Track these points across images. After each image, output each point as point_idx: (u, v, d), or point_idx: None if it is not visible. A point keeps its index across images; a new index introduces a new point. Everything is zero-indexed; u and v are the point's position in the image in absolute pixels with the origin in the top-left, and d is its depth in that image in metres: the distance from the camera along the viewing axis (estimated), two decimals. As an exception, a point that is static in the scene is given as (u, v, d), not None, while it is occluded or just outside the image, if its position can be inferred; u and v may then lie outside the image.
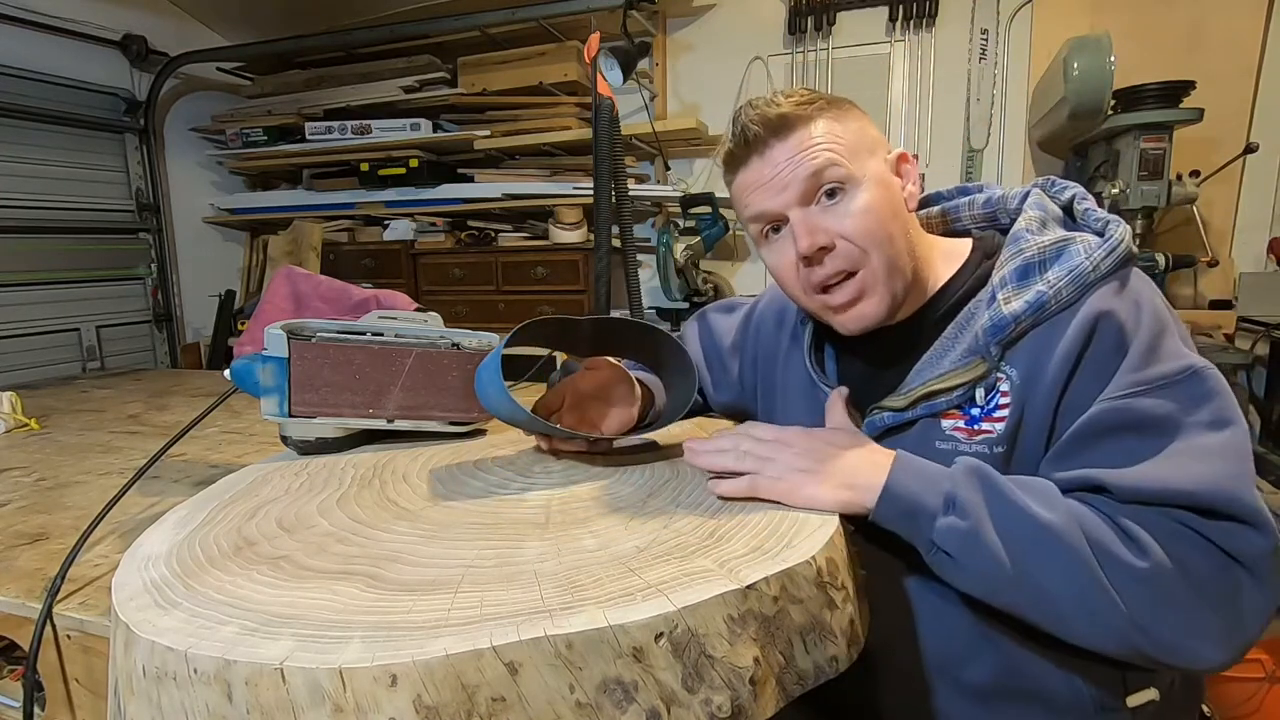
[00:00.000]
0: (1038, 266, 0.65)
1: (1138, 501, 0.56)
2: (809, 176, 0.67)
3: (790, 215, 0.69)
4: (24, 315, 2.32)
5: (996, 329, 0.64)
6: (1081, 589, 0.54)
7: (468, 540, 0.55)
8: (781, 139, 0.68)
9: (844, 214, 0.68)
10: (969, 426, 0.66)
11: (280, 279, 1.01)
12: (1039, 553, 0.55)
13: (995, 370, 0.65)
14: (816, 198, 0.68)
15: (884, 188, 0.69)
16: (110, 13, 2.48)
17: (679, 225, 2.35)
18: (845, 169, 0.67)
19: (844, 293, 0.70)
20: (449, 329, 0.84)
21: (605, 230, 1.24)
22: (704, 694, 0.43)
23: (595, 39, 1.24)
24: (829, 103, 0.70)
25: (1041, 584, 0.56)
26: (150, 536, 0.59)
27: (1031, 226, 0.68)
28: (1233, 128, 2.05)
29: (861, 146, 0.69)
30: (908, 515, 0.60)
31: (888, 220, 0.68)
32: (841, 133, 0.68)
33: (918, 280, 0.72)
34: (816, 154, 0.67)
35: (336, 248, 2.75)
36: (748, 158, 0.70)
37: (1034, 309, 0.63)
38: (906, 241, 0.70)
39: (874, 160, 0.70)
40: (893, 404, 0.70)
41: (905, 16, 2.35)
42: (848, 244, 0.68)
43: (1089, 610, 0.54)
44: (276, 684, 0.39)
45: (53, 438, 1.30)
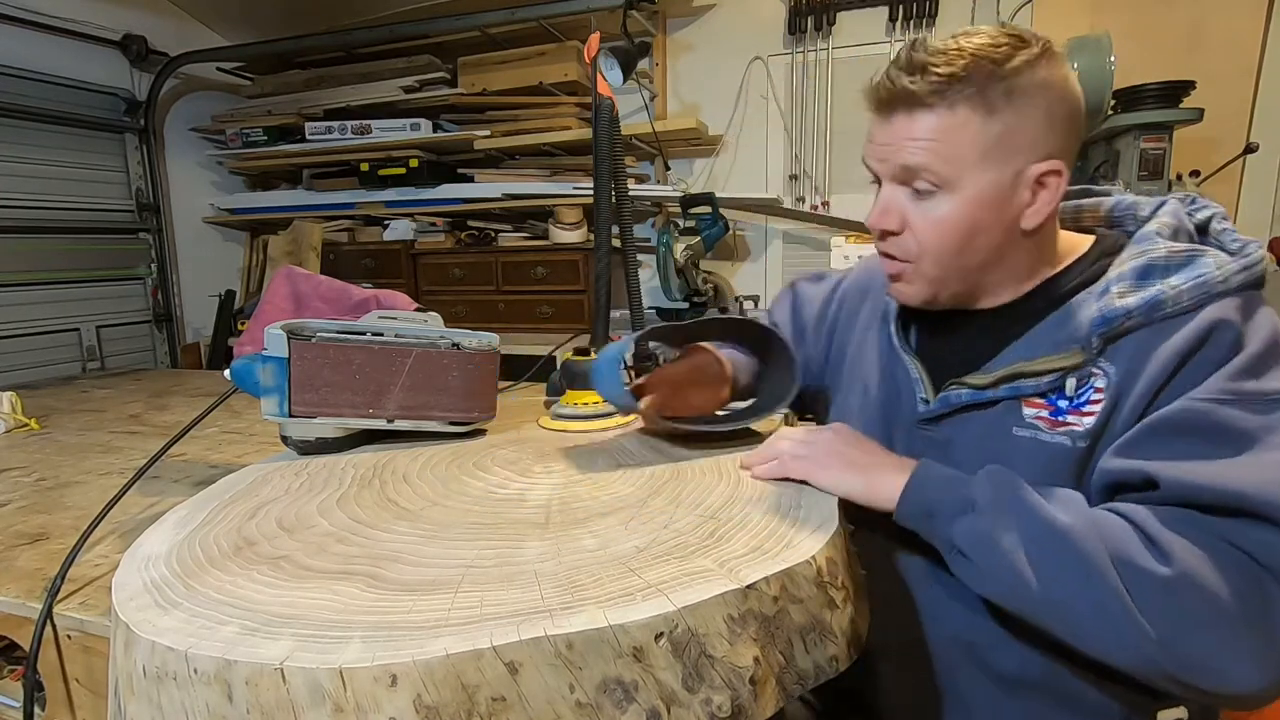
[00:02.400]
0: (1161, 270, 0.61)
1: (1183, 501, 0.54)
2: (903, 168, 0.65)
3: (882, 184, 0.69)
4: (24, 315, 2.32)
5: (1104, 320, 0.61)
6: (1097, 597, 0.53)
7: (468, 540, 0.55)
8: (900, 115, 0.64)
9: (921, 213, 0.66)
10: (1053, 417, 0.64)
11: (280, 279, 1.01)
12: (1055, 557, 0.55)
13: (1092, 363, 0.62)
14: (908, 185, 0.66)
15: (984, 204, 0.64)
16: (110, 13, 2.48)
17: (679, 225, 2.34)
18: (941, 175, 0.63)
19: (892, 266, 0.71)
20: (449, 329, 0.84)
21: (605, 230, 1.23)
22: (704, 694, 0.43)
23: (595, 39, 1.23)
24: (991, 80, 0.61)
25: (1056, 589, 0.55)
26: (150, 536, 0.59)
27: (1164, 231, 0.64)
28: (1233, 128, 2.05)
29: (990, 154, 0.62)
30: (927, 514, 0.61)
31: (961, 237, 0.65)
32: (967, 135, 0.62)
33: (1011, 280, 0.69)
34: (916, 153, 0.63)
35: (336, 248, 2.75)
36: (874, 109, 0.67)
37: (1148, 306, 0.60)
38: (985, 256, 0.67)
39: (994, 171, 0.63)
40: (974, 381, 0.68)
41: (905, 16, 2.35)
42: (911, 239, 0.68)
43: (1105, 620, 0.53)
44: (277, 684, 0.39)
45: (53, 438, 1.30)
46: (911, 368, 0.74)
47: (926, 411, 0.71)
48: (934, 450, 0.69)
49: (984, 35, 0.62)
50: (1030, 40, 0.62)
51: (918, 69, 0.62)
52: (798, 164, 2.56)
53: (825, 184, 2.54)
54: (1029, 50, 0.61)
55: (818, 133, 2.52)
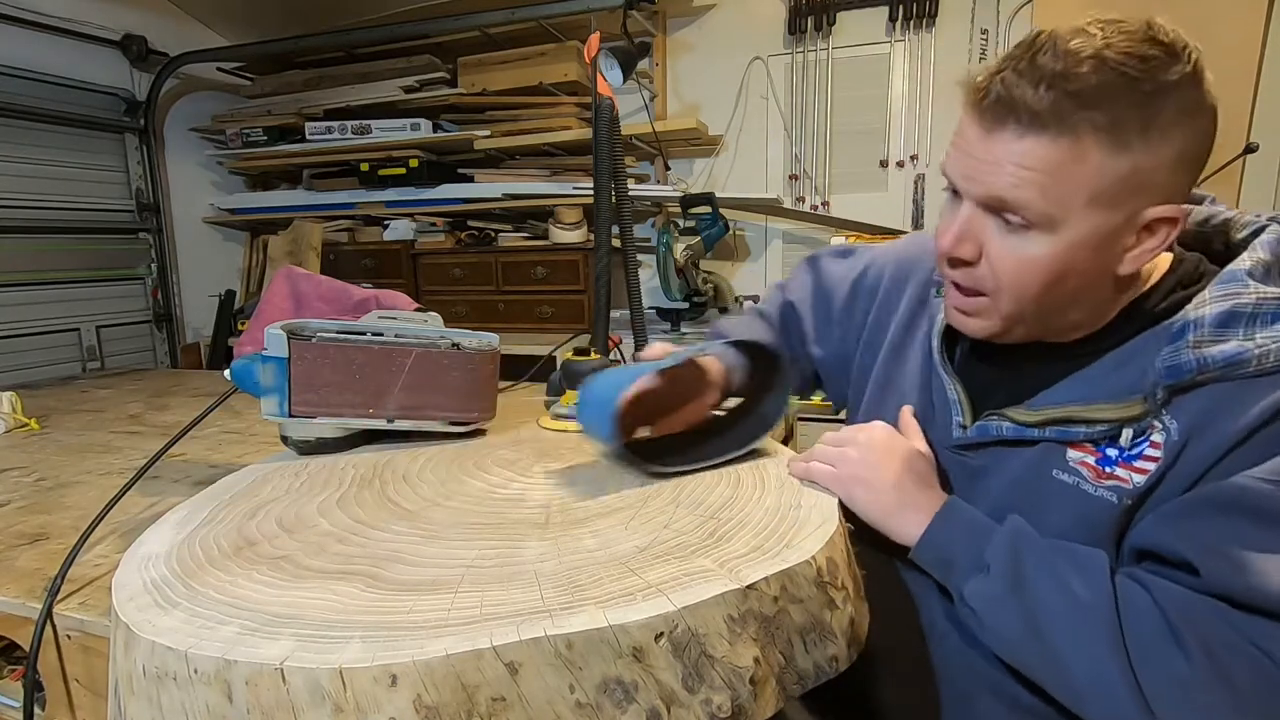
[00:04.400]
0: (1248, 319, 0.53)
1: (1220, 594, 0.50)
2: (995, 196, 0.55)
3: (964, 202, 0.59)
4: (24, 315, 2.32)
5: (1175, 371, 0.54)
6: (1108, 679, 0.51)
7: (468, 540, 0.55)
8: (1007, 133, 0.53)
9: (1008, 248, 0.57)
10: (1099, 465, 0.58)
11: (280, 279, 1.01)
12: (1065, 629, 0.53)
13: (1154, 416, 0.55)
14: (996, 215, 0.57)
15: (1084, 247, 0.55)
16: (110, 13, 2.48)
17: (679, 225, 2.35)
18: (1041, 215, 0.54)
19: (960, 300, 0.63)
20: (449, 329, 0.84)
21: (605, 230, 1.23)
22: (704, 694, 0.43)
23: (595, 39, 1.23)
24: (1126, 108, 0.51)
25: (1062, 660, 0.53)
26: (150, 536, 0.59)
27: (1256, 270, 0.55)
28: (1233, 128, 2.05)
29: (1103, 194, 0.53)
30: (943, 564, 0.61)
31: (1049, 280, 0.56)
32: (1084, 168, 0.52)
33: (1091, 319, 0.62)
34: (1020, 184, 0.53)
35: (336, 248, 2.75)
36: (972, 112, 0.56)
37: (1227, 362, 0.52)
38: (1072, 298, 0.59)
39: (1104, 215, 0.54)
40: (1018, 416, 0.61)
41: (905, 16, 2.35)
42: (988, 272, 0.59)
43: (1113, 703, 0.51)
44: (277, 684, 0.39)
45: (53, 438, 1.30)
46: (950, 388, 0.68)
47: (962, 438, 0.66)
48: (965, 477, 0.67)
49: (1129, 37, 0.51)
50: (1181, 51, 0.51)
51: (1043, 80, 0.51)
52: (798, 164, 2.56)
53: (825, 184, 2.54)
54: (1179, 67, 0.51)
55: (818, 133, 2.52)
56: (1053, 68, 0.51)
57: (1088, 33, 0.52)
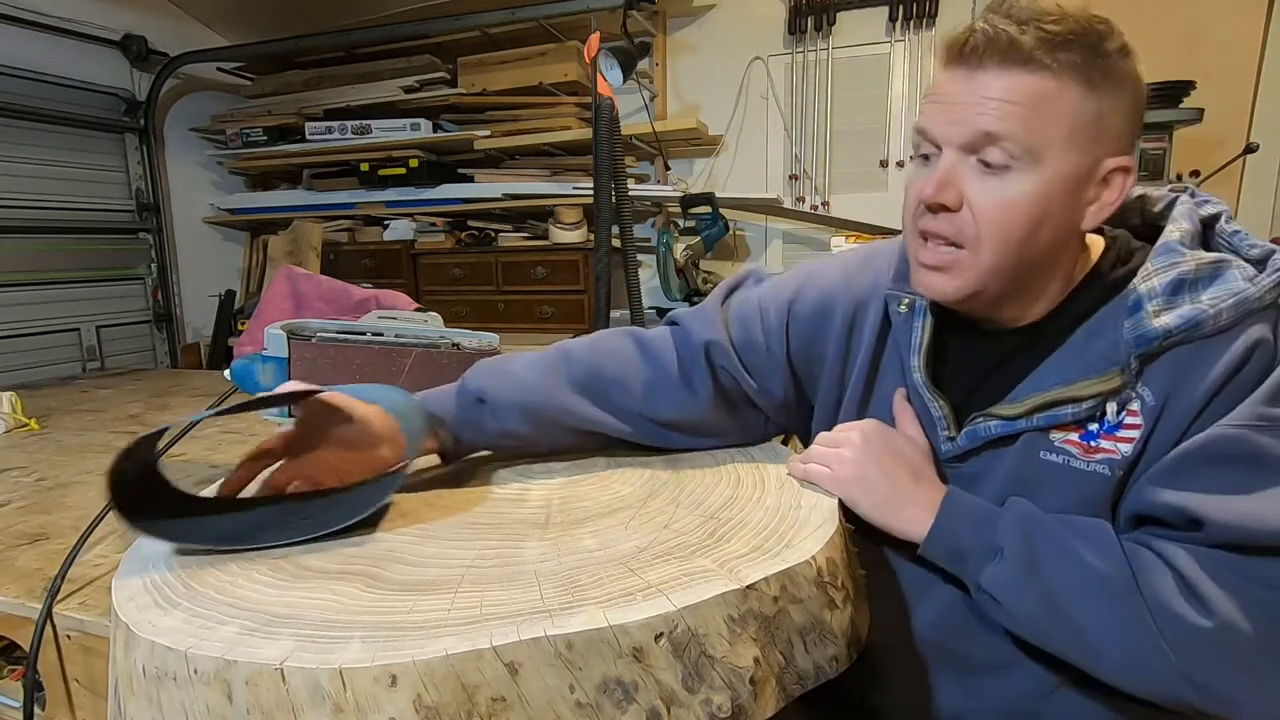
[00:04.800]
0: (1190, 284, 0.57)
1: (1229, 543, 0.52)
2: (981, 134, 0.56)
3: (944, 152, 0.59)
4: (24, 315, 2.32)
5: (1142, 340, 0.56)
6: (1129, 641, 0.53)
7: (468, 540, 0.55)
8: (991, 70, 0.56)
9: (989, 190, 0.58)
10: (1084, 442, 0.60)
11: (280, 279, 1.01)
12: (1087, 603, 0.54)
13: (1131, 388, 0.58)
14: (977, 155, 0.58)
15: (1059, 190, 0.57)
16: (110, 13, 2.48)
17: (679, 225, 2.35)
18: (1027, 146, 0.56)
19: (934, 255, 0.62)
20: (449, 329, 0.84)
21: (605, 230, 1.24)
22: (704, 694, 0.43)
23: (595, 39, 1.23)
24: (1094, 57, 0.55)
25: (1088, 634, 0.55)
26: (150, 536, 0.59)
27: (1185, 239, 0.59)
28: (1233, 128, 2.06)
29: (1084, 136, 0.56)
30: (955, 557, 0.61)
31: (1030, 224, 0.58)
32: (1065, 106, 0.55)
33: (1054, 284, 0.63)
34: (1006, 116, 0.55)
35: (336, 248, 2.75)
36: (956, 63, 0.58)
37: (1188, 325, 0.55)
38: (1040, 253, 0.60)
39: (1077, 155, 0.57)
40: (1004, 411, 0.62)
41: (905, 16, 2.35)
42: (969, 219, 0.59)
43: (1136, 662, 0.53)
44: (276, 684, 0.39)
45: (53, 438, 1.30)
46: (933, 405, 0.67)
47: (952, 450, 0.66)
48: (961, 486, 0.66)
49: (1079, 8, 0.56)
50: (1117, 28, 0.58)
51: (1024, 21, 0.55)
52: (798, 164, 2.56)
53: (825, 184, 2.54)
54: (1121, 36, 0.57)
55: (818, 133, 2.52)
56: (1029, 14, 0.56)
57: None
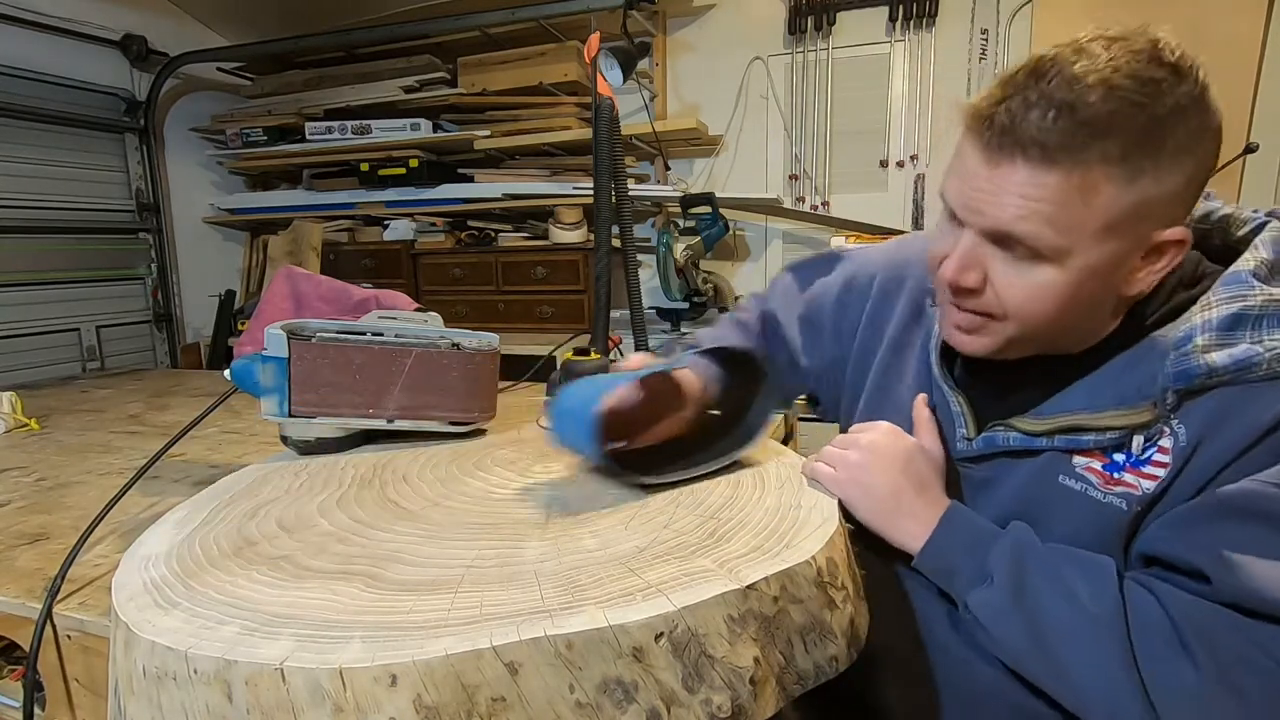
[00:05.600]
0: (1255, 321, 0.52)
1: (1231, 602, 0.49)
2: (1002, 229, 0.54)
3: (964, 234, 0.57)
4: (24, 315, 2.32)
5: (1183, 376, 0.52)
6: (1111, 686, 0.51)
7: (468, 540, 0.55)
8: (1018, 164, 0.51)
9: (1015, 275, 0.55)
10: (1107, 471, 0.57)
11: (280, 279, 1.01)
12: (1073, 641, 0.53)
13: (1163, 421, 0.54)
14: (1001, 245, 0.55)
15: (1090, 277, 0.54)
16: (110, 13, 2.48)
17: (679, 225, 2.35)
18: (1050, 247, 0.52)
19: (964, 319, 0.60)
20: (449, 329, 0.84)
21: (605, 230, 1.23)
22: (704, 694, 0.43)
23: (595, 39, 1.23)
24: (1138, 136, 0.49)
25: (1071, 672, 0.53)
26: (150, 536, 0.59)
27: (1260, 271, 0.54)
28: (1233, 128, 2.04)
29: (1113, 225, 0.51)
30: (945, 574, 0.61)
31: (1060, 307, 0.55)
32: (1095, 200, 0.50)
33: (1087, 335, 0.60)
34: (1026, 220, 0.52)
35: (336, 248, 2.75)
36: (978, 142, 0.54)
37: (1238, 366, 0.51)
38: (1078, 318, 0.57)
39: (1116, 243, 0.52)
40: (1025, 426, 0.60)
41: (905, 16, 2.35)
42: (993, 300, 0.57)
43: (1115, 710, 0.51)
44: (276, 684, 0.39)
45: (53, 438, 1.30)
46: (953, 401, 0.66)
47: (967, 450, 0.65)
48: (971, 489, 0.66)
49: (1135, 57, 0.49)
50: (1188, 71, 0.50)
51: (1051, 109, 0.49)
52: (798, 164, 2.56)
53: (825, 184, 2.54)
54: (1187, 88, 0.49)
55: (818, 133, 2.52)
56: (1061, 96, 0.49)
57: (1092, 53, 0.50)
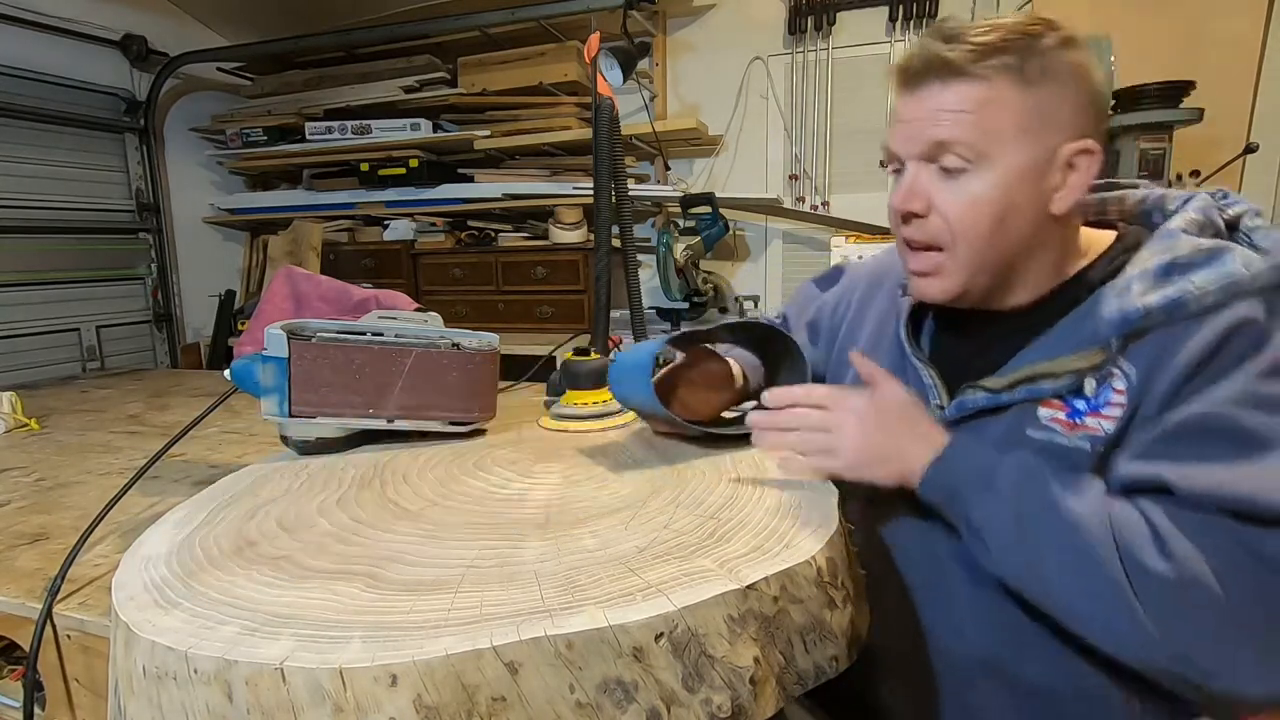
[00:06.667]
0: (1184, 267, 0.58)
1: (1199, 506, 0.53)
2: (934, 144, 0.63)
3: (908, 166, 0.66)
4: (24, 315, 2.32)
5: (1125, 320, 0.59)
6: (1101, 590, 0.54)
7: (468, 540, 0.55)
8: (933, 86, 0.62)
9: (951, 193, 0.63)
10: (1070, 419, 0.62)
11: (280, 279, 1.01)
12: (1064, 547, 0.55)
13: (1113, 364, 0.60)
14: (936, 162, 0.64)
15: (1017, 182, 0.62)
16: (110, 13, 2.48)
17: (679, 225, 2.34)
18: (976, 149, 0.61)
19: (920, 261, 0.68)
20: (449, 329, 0.84)
21: (605, 230, 1.23)
22: (704, 694, 0.43)
23: (595, 39, 1.23)
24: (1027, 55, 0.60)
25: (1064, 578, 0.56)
26: (150, 536, 0.59)
27: (1189, 227, 0.62)
28: (1233, 128, 2.05)
29: (1029, 126, 0.61)
30: (950, 496, 0.62)
31: (997, 218, 0.62)
32: (1004, 106, 0.60)
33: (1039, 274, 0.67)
34: (951, 125, 0.61)
35: (336, 248, 2.75)
36: (904, 87, 0.65)
37: (1171, 305, 0.57)
38: (1018, 242, 0.64)
39: (1031, 147, 0.61)
40: (990, 384, 0.66)
41: (905, 16, 2.35)
42: (940, 222, 0.65)
43: (1108, 612, 0.54)
44: (277, 684, 0.39)
45: (53, 438, 1.30)
46: (924, 374, 0.72)
47: (941, 418, 0.69)
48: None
49: (1015, 16, 0.63)
50: (1058, 24, 0.62)
51: (954, 38, 0.61)
52: (798, 164, 2.56)
53: (825, 184, 2.54)
54: (1059, 32, 0.61)
55: (818, 133, 2.52)
56: (960, 31, 0.62)
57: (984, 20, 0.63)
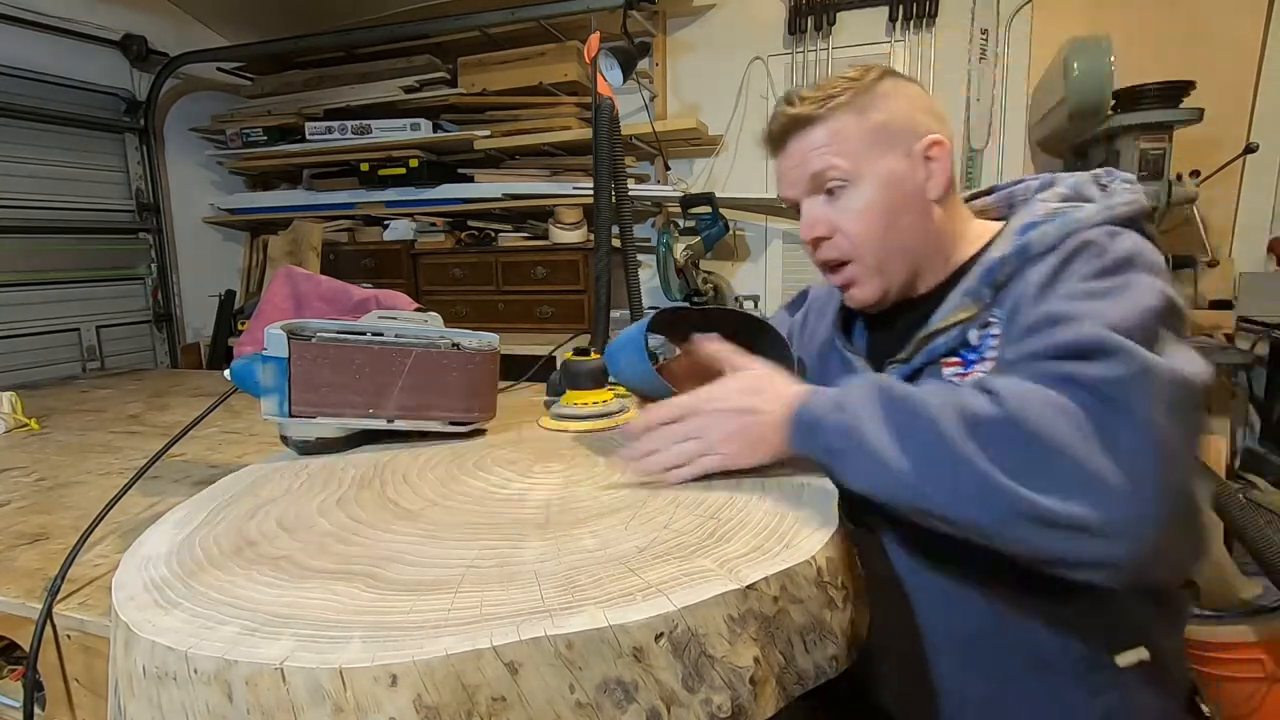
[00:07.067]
0: (1035, 224, 0.69)
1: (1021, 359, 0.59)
2: (810, 177, 0.76)
3: (801, 204, 0.78)
4: (24, 315, 2.32)
5: (987, 271, 0.70)
6: (947, 451, 0.54)
7: (468, 540, 0.55)
8: (794, 139, 0.76)
9: (841, 210, 0.75)
10: (965, 370, 0.70)
11: (280, 279, 1.01)
12: (909, 424, 0.56)
13: (987, 312, 0.70)
14: (821, 191, 0.76)
15: (890, 186, 0.74)
16: (110, 13, 2.48)
17: (679, 225, 2.35)
18: (845, 169, 0.74)
19: (839, 277, 0.80)
20: (449, 329, 0.84)
21: (605, 230, 1.23)
22: (704, 694, 0.43)
23: (595, 39, 1.23)
24: (859, 92, 0.74)
25: (911, 452, 0.55)
26: (150, 536, 0.59)
27: (1048, 196, 0.73)
28: (1233, 128, 2.05)
29: (878, 141, 0.73)
30: (809, 433, 0.62)
31: (885, 219, 0.74)
32: (853, 132, 0.74)
33: (938, 259, 0.78)
34: (818, 158, 0.74)
35: (336, 248, 2.75)
36: (773, 150, 0.80)
37: (1019, 250, 0.68)
38: (912, 234, 0.75)
39: (890, 156, 0.74)
40: (901, 357, 0.76)
41: (905, 16, 2.35)
42: (842, 238, 0.76)
43: (955, 474, 0.53)
44: (277, 684, 0.39)
45: (53, 438, 1.30)
46: (857, 365, 0.81)
47: None
48: None
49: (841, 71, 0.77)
50: (873, 66, 0.77)
51: (795, 100, 0.76)
52: (798, 164, 2.56)
53: (825, 184, 2.54)
54: (876, 69, 0.76)
55: (818, 133, 2.52)
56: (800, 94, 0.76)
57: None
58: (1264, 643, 1.40)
